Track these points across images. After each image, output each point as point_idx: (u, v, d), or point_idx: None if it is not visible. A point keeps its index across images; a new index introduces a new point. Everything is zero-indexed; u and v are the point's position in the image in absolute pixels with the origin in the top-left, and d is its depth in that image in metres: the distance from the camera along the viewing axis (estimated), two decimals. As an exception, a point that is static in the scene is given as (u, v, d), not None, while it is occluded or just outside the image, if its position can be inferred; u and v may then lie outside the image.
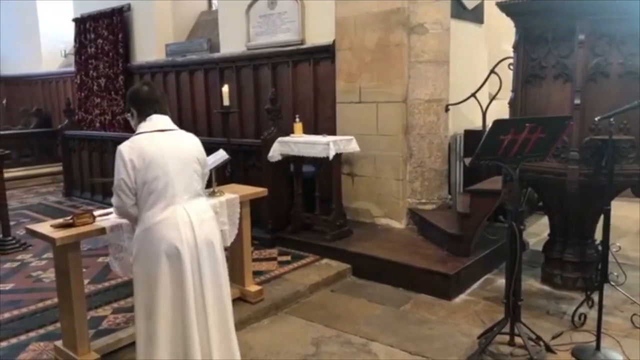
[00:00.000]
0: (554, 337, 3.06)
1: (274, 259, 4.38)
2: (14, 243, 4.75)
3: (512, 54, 3.68)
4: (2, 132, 4.84)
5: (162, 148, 2.30)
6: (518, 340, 2.90)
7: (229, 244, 3.32)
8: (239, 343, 2.86)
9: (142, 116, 2.41)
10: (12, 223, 4.96)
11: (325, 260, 4.31)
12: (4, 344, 2.98)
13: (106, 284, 3.83)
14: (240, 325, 3.27)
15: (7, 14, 10.68)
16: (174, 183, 2.28)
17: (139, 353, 2.31)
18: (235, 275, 3.60)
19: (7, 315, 3.35)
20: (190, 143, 2.42)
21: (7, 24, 10.79)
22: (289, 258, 4.38)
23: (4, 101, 10.86)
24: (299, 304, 3.70)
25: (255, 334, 3.28)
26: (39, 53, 10.07)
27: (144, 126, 2.38)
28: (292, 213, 4.75)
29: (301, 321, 3.44)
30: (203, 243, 2.30)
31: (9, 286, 3.88)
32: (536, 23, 3.43)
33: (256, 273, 3.88)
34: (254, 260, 4.02)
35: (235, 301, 3.46)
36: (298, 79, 5.72)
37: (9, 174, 6.02)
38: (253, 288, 3.57)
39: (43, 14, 9.96)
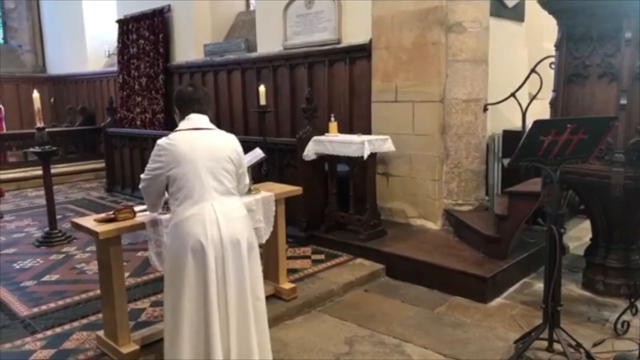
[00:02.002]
0: (595, 345, 2.96)
1: (308, 257, 4.41)
2: (60, 236, 4.94)
3: (553, 53, 3.58)
4: (49, 130, 5.05)
5: (195, 146, 2.36)
6: (557, 346, 2.82)
7: (264, 241, 3.37)
8: (273, 340, 2.91)
9: (183, 115, 2.51)
10: (58, 217, 5.16)
11: (359, 260, 4.31)
12: (50, 332, 3.11)
13: (145, 278, 3.95)
14: (274, 322, 3.32)
15: (55, 17, 11.14)
16: (203, 180, 2.32)
17: (165, 346, 2.38)
18: (270, 272, 3.65)
19: (52, 305, 3.50)
20: (224, 142, 2.45)
21: (55, 27, 11.26)
22: (322, 257, 4.40)
23: (52, 100, 11.31)
24: (332, 303, 3.71)
25: (289, 331, 3.31)
26: (84, 53, 10.44)
27: (182, 124, 2.48)
28: (326, 212, 4.77)
29: (334, 320, 3.45)
30: (229, 241, 2.29)
31: (54, 277, 4.05)
32: (580, 20, 3.33)
33: (290, 271, 3.92)
34: (288, 258, 4.06)
35: (270, 298, 3.51)
36: (334, 78, 5.74)
37: (55, 169, 6.28)
38: (287, 285, 3.61)
39: (88, 16, 10.31)
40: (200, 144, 2.37)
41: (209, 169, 2.34)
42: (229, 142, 2.47)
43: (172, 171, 2.34)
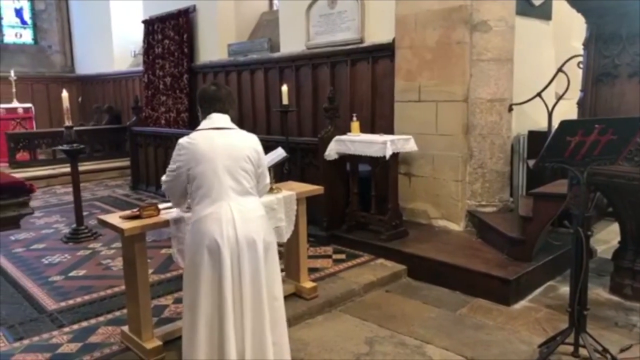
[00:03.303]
0: (622, 350, 2.90)
1: (329, 256, 4.41)
2: (86, 232, 5.05)
3: (581, 52, 3.51)
4: (77, 128, 5.17)
5: (214, 145, 2.37)
6: (583, 351, 2.77)
7: (285, 240, 3.39)
8: (294, 339, 2.93)
9: (204, 114, 2.53)
10: (84, 214, 5.28)
11: (380, 260, 4.29)
12: (76, 326, 3.19)
13: (168, 275, 4.01)
14: (294, 320, 3.34)
15: (84, 18, 11.39)
16: (221, 180, 2.33)
17: (183, 342, 2.41)
18: (291, 271, 3.66)
19: (79, 299, 3.58)
20: (244, 142, 2.45)
21: (83, 28, 11.51)
22: (343, 256, 4.40)
23: (80, 99, 11.56)
24: (353, 303, 3.70)
25: (309, 330, 3.32)
26: (111, 54, 10.64)
27: (203, 124, 2.50)
28: (348, 212, 4.76)
29: (355, 320, 3.44)
30: (244, 241, 2.30)
31: (81, 272, 4.14)
32: (609, 19, 3.26)
33: (311, 270, 3.92)
34: (309, 257, 4.06)
35: (290, 297, 3.53)
36: (356, 78, 5.73)
37: (82, 167, 6.41)
38: (308, 284, 3.62)
39: (115, 17, 10.51)
40: (220, 144, 2.38)
41: (227, 169, 2.35)
42: (248, 142, 2.47)
43: (191, 170, 2.38)
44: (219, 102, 2.51)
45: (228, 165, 2.35)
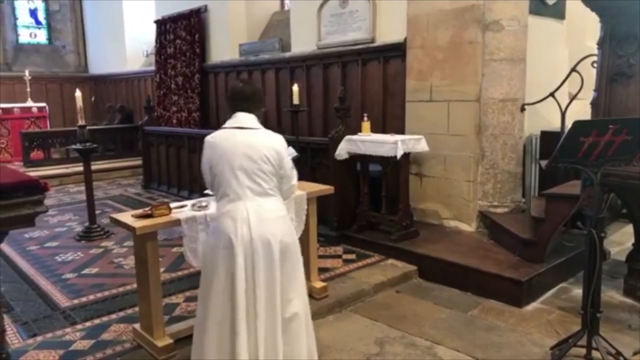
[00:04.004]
0: (635, 353, 2.86)
1: (339, 256, 4.41)
2: (99, 231, 5.10)
3: (595, 51, 3.48)
4: (90, 128, 5.23)
5: (235, 145, 2.36)
6: (596, 354, 2.73)
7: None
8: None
9: (231, 112, 2.51)
10: (97, 212, 5.33)
11: (390, 261, 4.28)
12: (89, 323, 3.22)
13: (180, 273, 4.03)
14: (305, 320, 3.33)
15: (97, 18, 11.51)
16: (239, 180, 2.33)
17: (193, 339, 2.42)
18: (301, 270, 3.66)
19: (92, 297, 3.62)
20: (263, 142, 2.39)
21: (96, 28, 11.63)
22: (354, 256, 4.39)
23: (93, 98, 11.68)
24: (363, 303, 3.70)
25: (319, 330, 3.30)
26: (123, 53, 10.73)
27: (227, 122, 2.48)
28: (358, 212, 4.76)
29: (365, 320, 3.44)
30: (259, 241, 2.28)
31: (94, 270, 4.18)
32: (624, 18, 3.22)
33: (321, 270, 3.93)
34: (319, 257, 4.06)
35: (301, 296, 3.53)
36: (367, 78, 5.72)
37: (95, 166, 6.45)
38: (318, 284, 3.62)
39: (128, 18, 10.60)
40: (239, 144, 2.36)
41: (244, 169, 2.33)
42: (268, 142, 2.41)
43: (212, 168, 2.40)
44: (244, 102, 2.48)
45: (246, 166, 2.34)
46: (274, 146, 2.41)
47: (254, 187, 2.34)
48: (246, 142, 2.38)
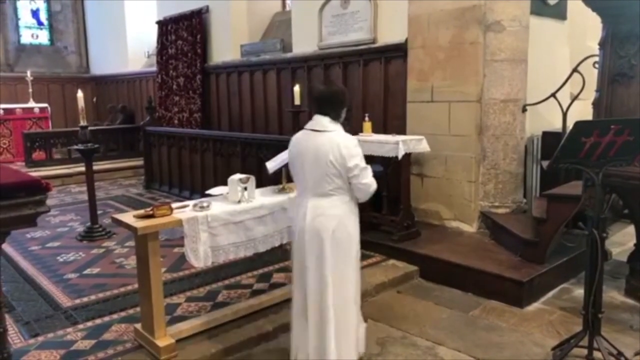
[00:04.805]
0: (636, 354, 2.86)
1: (341, 257, 4.40)
2: (100, 231, 5.11)
3: (597, 52, 3.47)
4: (91, 128, 5.23)
5: (306, 147, 2.58)
6: (597, 355, 2.73)
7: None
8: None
9: (312, 113, 2.67)
10: (99, 212, 5.33)
11: (392, 261, 4.28)
12: (90, 323, 3.22)
13: (181, 274, 4.03)
14: (306, 320, 3.33)
15: (99, 19, 11.53)
16: (306, 179, 2.58)
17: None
18: (303, 271, 3.66)
19: (93, 297, 3.62)
20: (329, 147, 2.50)
21: (98, 29, 11.65)
22: (355, 257, 4.38)
23: (94, 99, 11.70)
24: (364, 303, 3.66)
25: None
26: (125, 54, 10.75)
27: (308, 123, 2.67)
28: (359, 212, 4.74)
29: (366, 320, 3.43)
30: (311, 234, 2.54)
31: (95, 270, 4.19)
32: (625, 18, 3.22)
33: (323, 270, 3.92)
34: (321, 257, 4.06)
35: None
36: (368, 78, 5.71)
37: (97, 166, 6.47)
38: (319, 284, 3.61)
39: (130, 18, 10.61)
40: (310, 148, 2.55)
41: (312, 171, 2.54)
42: (335, 147, 2.50)
43: (290, 164, 2.74)
44: (320, 104, 2.62)
45: (312, 169, 2.54)
46: (340, 150, 2.49)
47: (316, 188, 2.56)
48: (315, 146, 2.54)
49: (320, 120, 2.58)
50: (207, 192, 3.40)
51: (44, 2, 11.79)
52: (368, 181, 2.59)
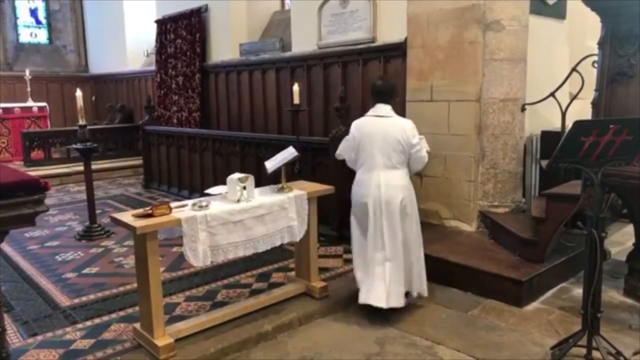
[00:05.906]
0: (635, 353, 2.86)
1: (340, 256, 4.41)
2: (99, 230, 5.10)
3: (596, 51, 3.47)
4: (90, 127, 5.22)
5: (373, 129, 3.30)
6: (596, 354, 2.73)
7: (298, 240, 3.40)
8: (304, 338, 2.91)
9: (372, 103, 3.41)
10: (97, 212, 5.33)
11: (391, 260, 4.27)
12: (89, 323, 3.22)
13: (180, 273, 4.03)
14: (305, 319, 3.35)
15: (97, 18, 11.51)
16: (375, 155, 3.28)
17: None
18: (302, 270, 3.67)
19: (92, 296, 3.62)
20: (396, 128, 3.28)
21: (97, 28, 11.64)
22: (354, 256, 4.38)
23: (93, 98, 11.68)
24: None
25: (319, 329, 3.32)
26: (124, 53, 10.73)
27: (369, 111, 3.41)
28: (359, 211, 4.77)
29: (365, 320, 3.44)
30: (385, 200, 3.25)
31: (94, 270, 4.19)
32: (625, 18, 3.22)
33: (322, 269, 3.93)
34: (320, 256, 4.06)
35: (301, 296, 3.56)
36: (368, 77, 5.70)
37: (95, 166, 6.46)
38: (318, 284, 3.62)
39: (129, 17, 10.59)
40: (378, 129, 3.28)
41: (380, 148, 3.26)
42: (399, 128, 3.28)
43: (356, 144, 3.38)
44: (382, 96, 3.38)
45: (382, 147, 3.26)
46: (404, 131, 3.28)
47: (386, 162, 3.27)
48: (383, 128, 3.29)
49: (384, 108, 3.33)
50: (206, 191, 3.40)
51: (43, 1, 11.76)
52: (424, 154, 3.40)
